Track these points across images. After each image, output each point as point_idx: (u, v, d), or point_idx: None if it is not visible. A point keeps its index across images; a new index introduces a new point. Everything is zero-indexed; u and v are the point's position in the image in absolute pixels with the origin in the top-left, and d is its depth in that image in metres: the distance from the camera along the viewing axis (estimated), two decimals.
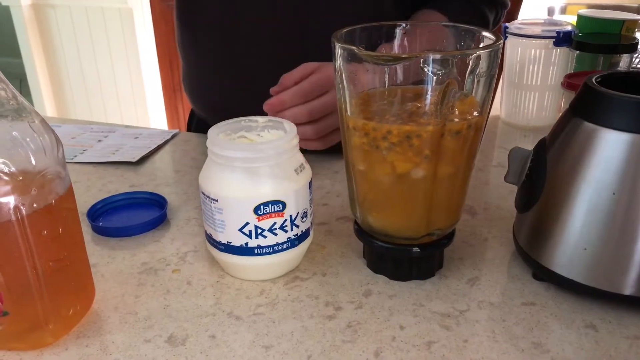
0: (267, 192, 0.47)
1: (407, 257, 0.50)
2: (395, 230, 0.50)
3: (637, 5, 2.18)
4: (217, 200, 0.48)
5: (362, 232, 0.52)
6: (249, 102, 0.67)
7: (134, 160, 0.78)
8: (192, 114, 1.01)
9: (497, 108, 0.97)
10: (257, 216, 0.47)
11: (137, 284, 0.52)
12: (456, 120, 0.44)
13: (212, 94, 0.87)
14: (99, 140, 0.87)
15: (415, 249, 0.50)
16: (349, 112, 0.47)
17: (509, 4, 0.88)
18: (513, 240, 0.54)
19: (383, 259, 0.52)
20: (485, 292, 0.50)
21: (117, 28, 2.64)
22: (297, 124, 0.65)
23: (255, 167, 0.47)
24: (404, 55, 0.41)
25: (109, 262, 0.55)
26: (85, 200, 0.68)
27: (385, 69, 0.46)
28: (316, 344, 0.44)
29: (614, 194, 0.44)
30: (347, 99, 0.47)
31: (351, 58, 0.44)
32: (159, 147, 0.84)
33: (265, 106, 0.65)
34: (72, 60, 2.79)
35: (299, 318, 0.47)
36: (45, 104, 2.87)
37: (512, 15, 1.89)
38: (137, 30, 2.62)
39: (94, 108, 2.87)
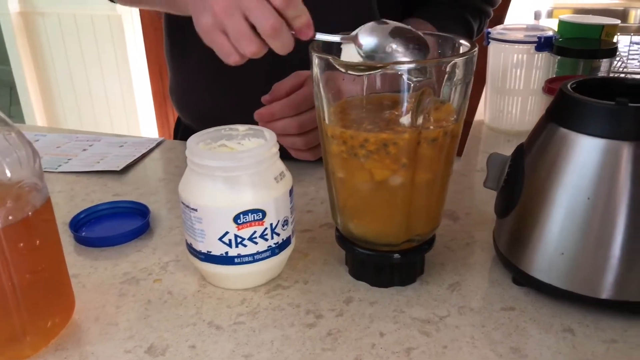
0: (246, 200, 0.47)
1: (388, 263, 0.51)
2: (375, 236, 0.50)
3: (622, 9, 2.20)
4: (196, 210, 0.48)
5: (344, 239, 0.53)
6: (236, 111, 0.67)
7: (118, 168, 0.78)
8: (178, 122, 1.01)
9: (482, 113, 0.97)
10: (236, 225, 0.47)
11: (118, 294, 0.52)
12: (432, 127, 0.44)
13: (199, 103, 0.87)
14: (84, 149, 0.87)
15: (396, 255, 0.50)
16: (327, 121, 0.47)
17: (492, 13, 0.89)
18: (493, 245, 0.54)
19: (364, 266, 0.52)
20: (466, 298, 0.50)
21: (107, 35, 2.63)
22: (287, 135, 0.65)
23: (234, 176, 0.47)
24: (378, 64, 0.41)
25: (90, 272, 0.55)
26: (68, 210, 0.67)
27: (364, 78, 0.47)
28: (296, 352, 0.44)
29: (588, 198, 0.44)
30: (325, 107, 0.47)
31: (327, 67, 0.44)
32: (143, 156, 0.83)
33: (256, 115, 0.65)
34: (61, 67, 2.78)
35: (280, 327, 0.47)
36: (35, 111, 2.86)
37: (500, 19, 1.90)
38: (127, 38, 2.61)
39: (83, 116, 2.86)
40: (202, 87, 0.85)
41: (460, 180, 0.74)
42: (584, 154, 0.45)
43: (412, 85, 0.43)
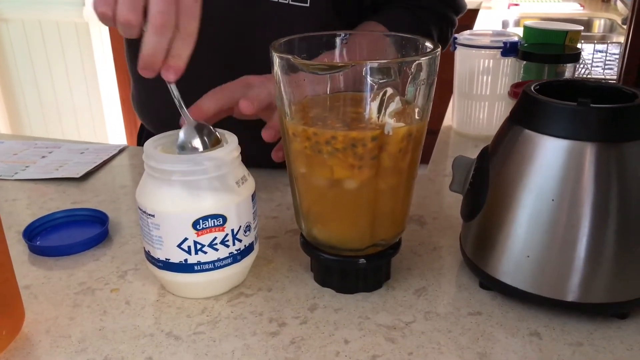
0: (206, 205, 0.46)
1: (353, 268, 0.50)
2: (339, 241, 0.49)
3: (586, 18, 2.26)
4: (153, 216, 0.46)
5: (308, 245, 0.51)
6: None
7: (77, 176, 0.75)
8: (142, 128, 0.99)
9: (450, 118, 0.97)
10: (196, 231, 0.46)
11: (72, 305, 0.49)
12: (396, 128, 0.43)
13: (162, 110, 0.84)
14: (43, 157, 0.84)
15: (361, 260, 0.49)
16: (289, 118, 0.46)
17: (457, 22, 0.89)
18: (460, 249, 0.54)
19: (329, 272, 0.51)
20: (432, 303, 0.49)
21: (73, 42, 2.58)
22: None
23: (192, 180, 0.45)
24: (339, 64, 0.40)
25: (44, 282, 0.53)
26: (23, 218, 0.65)
27: (327, 79, 0.46)
28: None
29: (553, 200, 0.44)
30: (287, 106, 0.45)
31: (288, 67, 0.43)
32: (105, 162, 0.81)
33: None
34: (26, 74, 2.71)
35: (241, 336, 0.45)
36: None
37: (469, 27, 1.92)
38: (94, 44, 2.56)
39: (49, 123, 2.79)
40: (165, 94, 0.83)
41: (427, 185, 0.74)
42: (548, 155, 0.44)
43: (375, 86, 0.42)
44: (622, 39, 1.57)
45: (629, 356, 0.43)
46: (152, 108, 0.85)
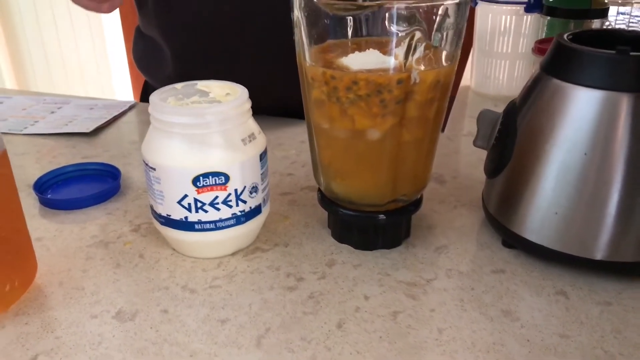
0: (206, 162, 0.43)
1: (372, 225, 0.48)
2: (359, 196, 0.47)
3: None
4: (154, 169, 0.44)
5: (326, 200, 0.50)
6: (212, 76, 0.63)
7: (87, 131, 0.74)
8: (146, 85, 0.96)
9: (468, 78, 0.95)
10: (196, 188, 0.44)
11: (85, 258, 0.48)
12: (423, 73, 0.41)
13: (162, 66, 0.82)
14: (52, 112, 0.82)
15: (381, 216, 0.47)
16: (307, 62, 0.43)
17: None
18: (482, 207, 0.52)
19: (348, 228, 0.49)
20: (454, 261, 0.48)
21: None
22: None
23: (194, 134, 0.43)
24: (365, 4, 0.38)
25: (56, 235, 0.52)
26: (33, 172, 0.63)
27: (349, 22, 0.43)
28: (275, 316, 0.41)
29: (585, 154, 0.42)
30: (307, 48, 0.43)
31: (310, 8, 0.41)
32: (115, 118, 0.79)
33: None
34: (31, 29, 2.67)
35: (258, 290, 0.44)
36: (4, 74, 2.74)
37: None
38: None
39: (56, 82, 2.76)
40: (168, 51, 0.80)
41: (446, 144, 0.72)
42: (581, 106, 0.42)
43: (401, 31, 0.40)
44: None
45: None
46: (154, 64, 0.83)
